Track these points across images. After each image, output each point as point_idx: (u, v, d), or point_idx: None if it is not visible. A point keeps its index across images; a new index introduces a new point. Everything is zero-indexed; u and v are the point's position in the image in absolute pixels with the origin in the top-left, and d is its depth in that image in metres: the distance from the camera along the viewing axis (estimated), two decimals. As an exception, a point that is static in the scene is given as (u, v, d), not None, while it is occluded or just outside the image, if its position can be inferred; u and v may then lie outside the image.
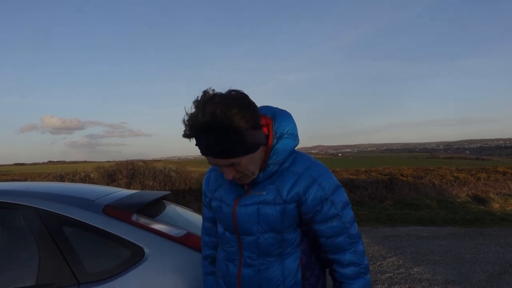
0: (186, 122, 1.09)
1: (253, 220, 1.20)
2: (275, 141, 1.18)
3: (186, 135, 1.10)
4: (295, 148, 1.26)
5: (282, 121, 1.20)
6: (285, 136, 1.19)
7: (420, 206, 10.49)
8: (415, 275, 4.84)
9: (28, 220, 1.80)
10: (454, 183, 13.02)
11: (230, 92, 1.10)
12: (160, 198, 2.31)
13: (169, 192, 2.60)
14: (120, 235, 1.79)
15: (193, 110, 1.08)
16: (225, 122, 1.04)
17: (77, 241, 1.80)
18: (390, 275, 4.86)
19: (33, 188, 2.02)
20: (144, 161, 14.62)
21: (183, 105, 1.12)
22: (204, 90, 1.09)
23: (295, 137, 1.22)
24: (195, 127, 1.07)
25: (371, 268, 5.10)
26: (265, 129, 1.18)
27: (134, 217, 1.87)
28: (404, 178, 13.64)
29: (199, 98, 1.09)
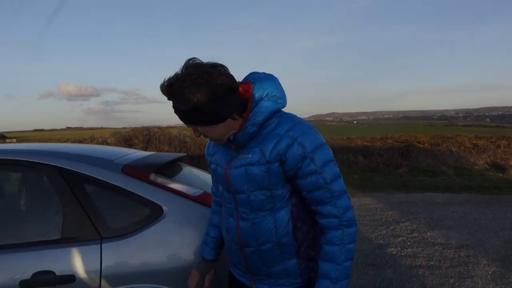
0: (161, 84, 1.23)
1: (243, 180, 1.32)
2: (254, 104, 1.27)
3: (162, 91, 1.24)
4: (283, 110, 1.36)
5: (262, 85, 1.28)
6: (265, 98, 1.28)
7: (436, 173, 10.42)
8: (429, 239, 4.88)
9: (51, 179, 1.86)
10: (472, 151, 12.83)
11: (204, 64, 1.20)
12: (177, 160, 2.35)
13: (185, 154, 2.64)
14: (139, 194, 1.84)
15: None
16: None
17: (98, 199, 1.86)
18: (403, 239, 4.91)
19: (55, 149, 2.07)
20: (159, 127, 14.76)
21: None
22: (188, 58, 1.21)
23: (277, 99, 1.30)
24: (161, 90, 1.22)
25: (384, 232, 5.17)
26: (245, 94, 1.27)
27: (152, 177, 1.91)
28: (421, 145, 13.50)
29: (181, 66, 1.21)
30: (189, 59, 1.21)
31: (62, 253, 1.72)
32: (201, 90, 1.17)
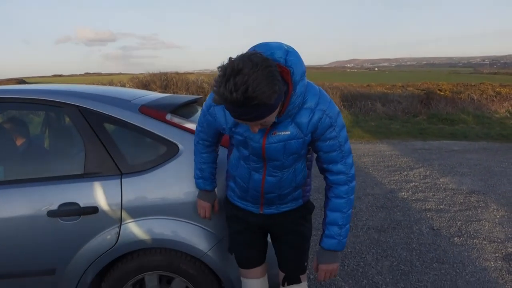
0: (219, 94, 1.17)
1: (280, 152, 1.46)
2: (294, 89, 1.30)
3: (218, 103, 1.21)
4: None
5: (297, 67, 1.29)
6: (300, 79, 1.31)
7: (455, 121, 10.28)
8: (440, 185, 4.95)
9: (72, 117, 1.95)
10: (494, 99, 12.49)
11: (254, 60, 1.14)
12: (192, 102, 2.41)
13: (201, 96, 2.69)
14: (156, 132, 1.92)
15: (222, 80, 1.15)
16: (256, 99, 1.14)
17: (117, 137, 1.95)
18: (416, 184, 4.99)
19: (75, 89, 2.14)
20: (177, 73, 14.74)
21: (213, 12, 1.11)
22: (229, 57, 1.17)
23: (304, 75, 1.33)
24: (228, 101, 1.17)
25: (396, 178, 5.25)
26: (285, 76, 1.27)
27: (168, 117, 1.98)
28: (442, 93, 13.17)
29: (227, 67, 1.14)
30: (231, 59, 1.18)
31: (85, 187, 1.84)
32: (274, 83, 1.17)
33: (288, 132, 1.42)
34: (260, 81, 1.13)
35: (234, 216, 1.75)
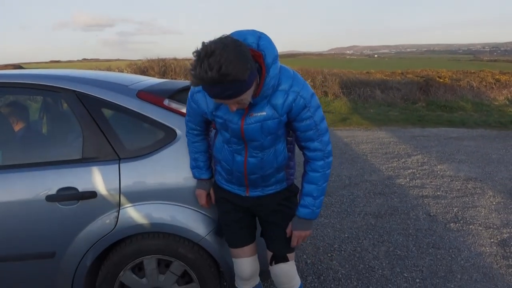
0: (195, 76, 1.26)
1: (258, 132, 1.54)
2: (267, 70, 1.40)
3: (196, 85, 1.30)
4: None
5: (269, 51, 1.39)
6: (273, 63, 1.40)
7: (453, 108, 10.29)
8: (438, 172, 4.98)
9: (70, 102, 1.94)
10: (494, 86, 12.46)
11: (225, 41, 1.25)
12: (190, 87, 2.40)
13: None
14: (154, 118, 1.92)
15: (197, 63, 1.24)
16: (230, 75, 1.24)
17: (115, 122, 1.95)
18: (413, 171, 5.02)
19: (72, 74, 2.13)
20: (175, 59, 14.64)
21: None
22: (202, 42, 1.27)
23: (277, 59, 1.43)
24: (204, 81, 1.26)
25: (394, 165, 5.27)
26: (257, 59, 1.37)
27: (166, 102, 1.98)
28: (441, 80, 13.13)
29: (200, 51, 1.24)
30: (203, 43, 1.26)
31: (84, 171, 1.85)
32: (246, 61, 1.27)
33: (264, 113, 1.51)
34: (232, 59, 1.23)
35: (223, 198, 1.82)
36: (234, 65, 1.23)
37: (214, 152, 1.76)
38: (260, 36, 1.40)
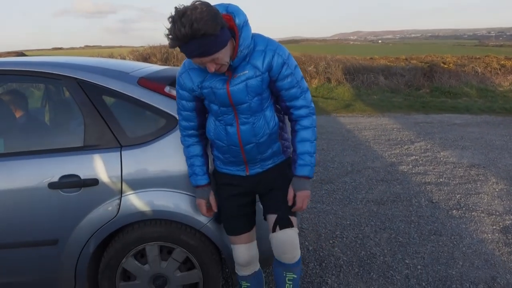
0: (170, 36, 1.38)
1: (244, 93, 1.60)
2: (240, 32, 1.50)
3: (172, 45, 1.40)
4: None
5: (238, 14, 1.50)
6: (243, 25, 1.51)
7: (458, 94, 10.20)
8: (441, 158, 4.96)
9: (71, 90, 1.94)
10: (499, 71, 12.33)
11: (195, 3, 1.37)
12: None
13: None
14: (155, 105, 1.92)
15: (172, 25, 1.36)
16: (201, 30, 1.34)
17: (116, 110, 1.95)
18: (416, 157, 5.00)
19: (73, 61, 2.12)
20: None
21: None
22: (175, 6, 1.37)
23: (248, 23, 1.54)
24: (179, 38, 1.36)
25: (397, 151, 5.26)
26: (228, 23, 1.47)
27: (167, 89, 1.97)
28: (446, 66, 13.00)
29: (173, 14, 1.36)
30: (176, 8, 1.37)
31: (85, 159, 1.85)
32: (216, 18, 1.37)
33: (246, 72, 1.58)
34: (202, 16, 1.34)
35: (223, 184, 1.84)
36: (204, 21, 1.33)
37: (207, 135, 1.77)
38: (228, 5, 1.52)
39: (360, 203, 3.67)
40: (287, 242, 1.78)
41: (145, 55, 13.14)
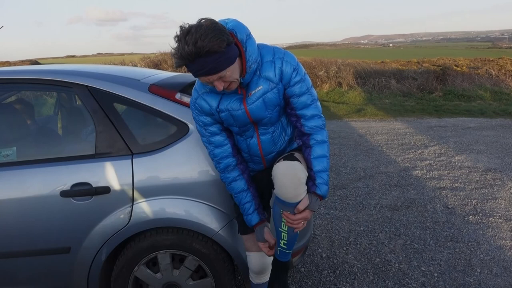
0: (175, 55, 1.36)
1: (262, 109, 1.57)
2: (244, 47, 1.46)
3: (178, 65, 1.38)
4: None
5: (239, 29, 1.46)
6: (247, 39, 1.47)
7: (471, 97, 10.05)
8: (456, 163, 4.87)
9: (82, 97, 1.94)
10: (513, 74, 12.11)
11: (200, 21, 1.35)
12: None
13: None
14: (166, 112, 1.91)
15: (177, 44, 1.35)
16: (206, 47, 1.31)
17: (128, 117, 1.95)
18: (430, 162, 4.92)
19: (84, 69, 2.13)
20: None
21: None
22: (180, 26, 1.36)
23: (251, 36, 1.50)
24: (184, 57, 1.34)
25: (411, 156, 5.18)
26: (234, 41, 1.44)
27: (178, 96, 1.96)
28: (459, 69, 12.83)
29: (178, 33, 1.34)
30: (181, 27, 1.36)
31: (97, 167, 1.85)
32: (221, 35, 1.34)
33: (261, 87, 1.55)
34: (207, 33, 1.31)
35: None
36: (209, 38, 1.31)
37: None
38: (227, 21, 1.48)
39: (374, 209, 3.62)
40: (289, 173, 1.52)
41: (156, 62, 13.25)
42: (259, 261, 1.83)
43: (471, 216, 3.40)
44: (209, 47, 1.31)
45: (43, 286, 1.95)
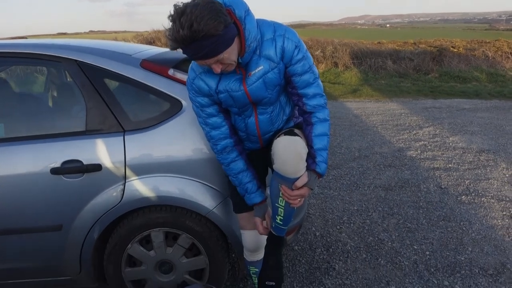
0: (169, 37, 1.28)
1: (263, 89, 1.52)
2: (243, 24, 1.37)
3: (173, 47, 1.31)
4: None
5: (237, 5, 1.37)
6: (245, 16, 1.38)
7: (467, 79, 10.03)
8: (450, 144, 4.88)
9: (71, 73, 1.89)
10: (510, 55, 12.07)
11: (196, 0, 1.26)
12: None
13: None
14: (159, 88, 1.86)
15: (171, 24, 1.26)
16: (202, 31, 1.23)
17: (119, 93, 1.90)
18: (425, 143, 4.93)
19: (73, 43, 2.07)
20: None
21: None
22: (174, 4, 1.27)
23: (249, 12, 1.41)
24: (178, 41, 1.26)
25: (405, 137, 5.19)
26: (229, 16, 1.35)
27: (171, 72, 1.91)
28: (455, 50, 12.75)
29: (172, 13, 1.25)
30: (175, 5, 1.28)
31: (88, 144, 1.81)
32: (218, 16, 1.26)
33: (261, 67, 1.48)
34: (203, 15, 1.22)
35: None
36: (205, 21, 1.23)
37: None
38: None
39: (368, 188, 3.63)
40: (290, 148, 1.46)
41: (149, 40, 13.04)
42: (253, 239, 1.83)
43: (463, 196, 3.42)
44: (205, 31, 1.23)
45: (35, 264, 1.93)
